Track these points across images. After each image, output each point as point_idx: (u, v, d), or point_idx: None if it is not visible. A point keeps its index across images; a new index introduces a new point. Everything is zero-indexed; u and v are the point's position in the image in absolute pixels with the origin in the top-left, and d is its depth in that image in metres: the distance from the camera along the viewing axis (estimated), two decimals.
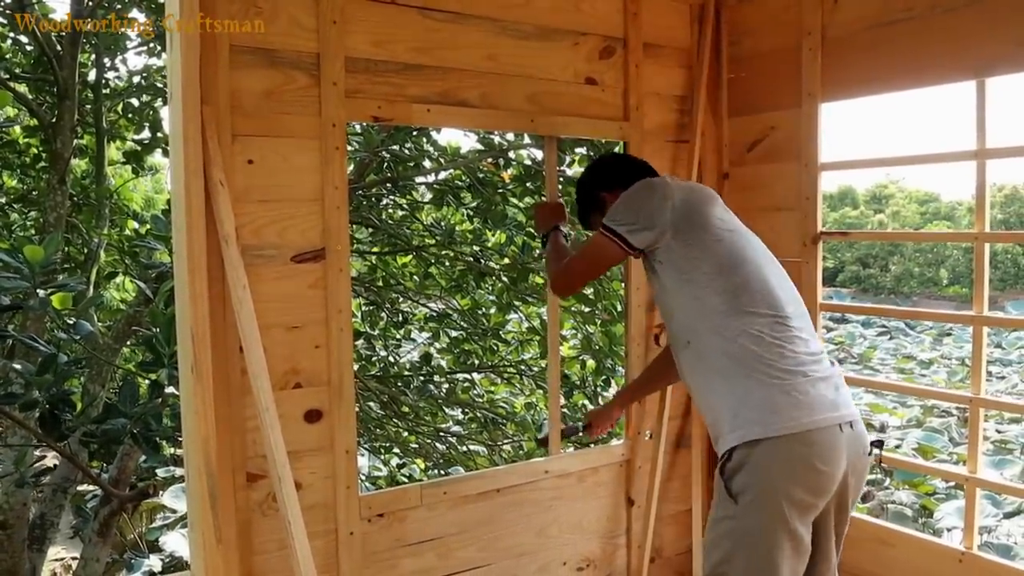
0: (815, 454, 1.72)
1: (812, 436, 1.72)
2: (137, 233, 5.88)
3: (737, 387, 1.79)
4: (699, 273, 1.88)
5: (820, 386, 1.77)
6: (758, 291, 1.84)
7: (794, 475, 1.72)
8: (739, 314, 1.82)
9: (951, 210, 35.98)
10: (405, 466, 6.17)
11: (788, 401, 1.73)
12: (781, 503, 1.72)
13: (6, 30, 5.57)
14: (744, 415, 1.76)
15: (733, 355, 1.81)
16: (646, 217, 1.93)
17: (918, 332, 21.49)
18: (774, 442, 1.72)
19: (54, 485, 5.09)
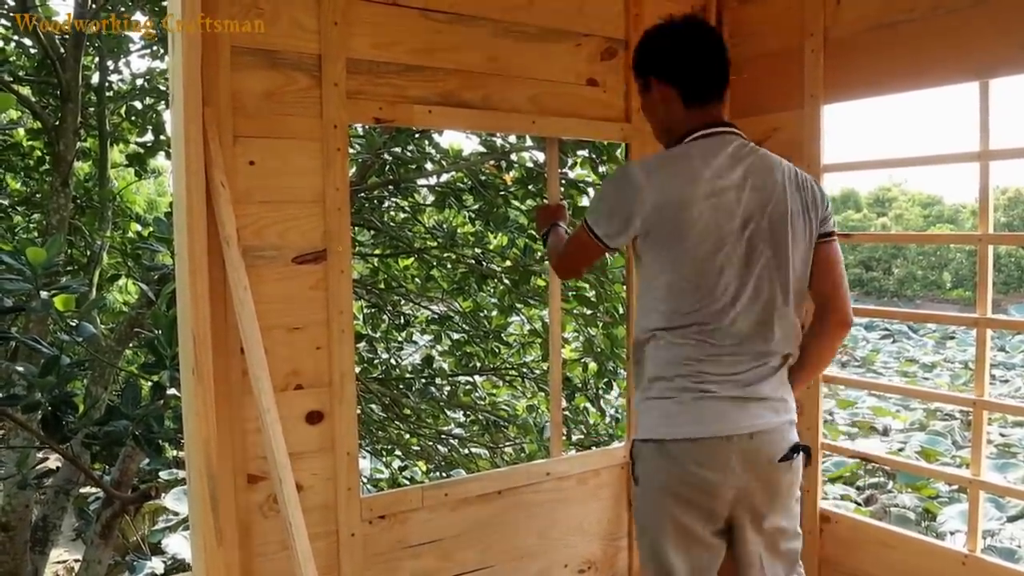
0: (691, 457, 1.84)
1: (690, 445, 1.84)
2: (139, 235, 5.89)
3: (641, 387, 1.96)
4: (656, 283, 1.90)
5: (718, 403, 1.84)
6: (699, 316, 1.85)
7: (671, 474, 1.86)
8: (670, 334, 1.87)
9: (954, 213, 35.96)
10: (407, 468, 6.16)
11: (674, 411, 1.86)
12: (661, 494, 1.87)
13: (10, 33, 5.58)
14: (642, 414, 1.94)
15: (647, 360, 1.93)
16: (619, 221, 1.90)
17: (921, 335, 21.46)
18: (658, 444, 1.88)
19: (56, 487, 5.09)
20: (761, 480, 1.87)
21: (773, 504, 1.90)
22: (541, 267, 4.88)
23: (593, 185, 4.83)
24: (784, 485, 1.91)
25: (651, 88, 1.99)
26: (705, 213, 1.81)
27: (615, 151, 4.54)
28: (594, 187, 4.84)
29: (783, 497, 1.92)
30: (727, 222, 1.83)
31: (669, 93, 1.95)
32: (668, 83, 1.95)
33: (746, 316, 1.86)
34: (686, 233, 1.81)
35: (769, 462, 1.86)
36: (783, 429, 1.90)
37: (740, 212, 1.84)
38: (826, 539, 2.71)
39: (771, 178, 1.90)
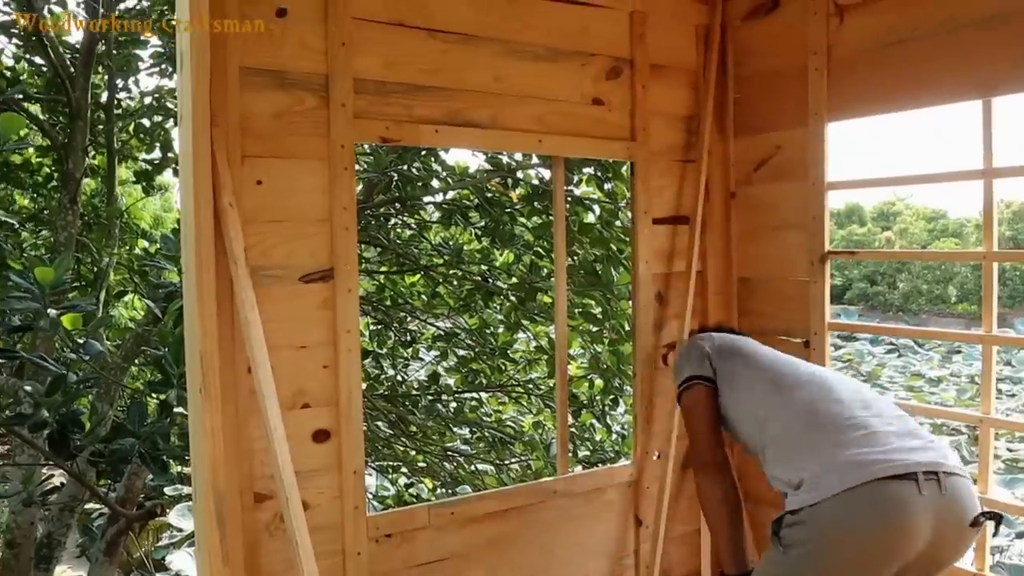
0: (872, 506, 1.74)
1: (867, 489, 1.74)
2: (146, 252, 5.91)
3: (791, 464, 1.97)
4: (754, 388, 2.23)
5: (886, 445, 1.80)
6: (815, 395, 2.03)
7: (847, 532, 1.74)
8: (801, 417, 2.02)
9: (959, 227, 35.85)
10: (413, 486, 6.14)
11: (842, 463, 1.82)
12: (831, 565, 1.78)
13: (21, 51, 5.63)
14: (802, 484, 1.86)
15: (789, 440, 2.01)
16: (692, 358, 2.36)
17: (927, 350, 21.38)
18: (831, 501, 1.76)
19: (61, 504, 5.08)
20: (953, 542, 1.78)
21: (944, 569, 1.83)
22: (547, 284, 4.89)
23: (599, 202, 4.84)
24: (965, 551, 1.85)
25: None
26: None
27: (621, 168, 4.55)
28: (599, 204, 4.85)
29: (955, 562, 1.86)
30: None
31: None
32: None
33: (849, 398, 2.07)
34: (745, 353, 2.37)
35: (963, 520, 1.76)
36: (967, 479, 1.81)
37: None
38: None
39: None
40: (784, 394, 2.08)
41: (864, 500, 1.71)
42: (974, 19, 2.25)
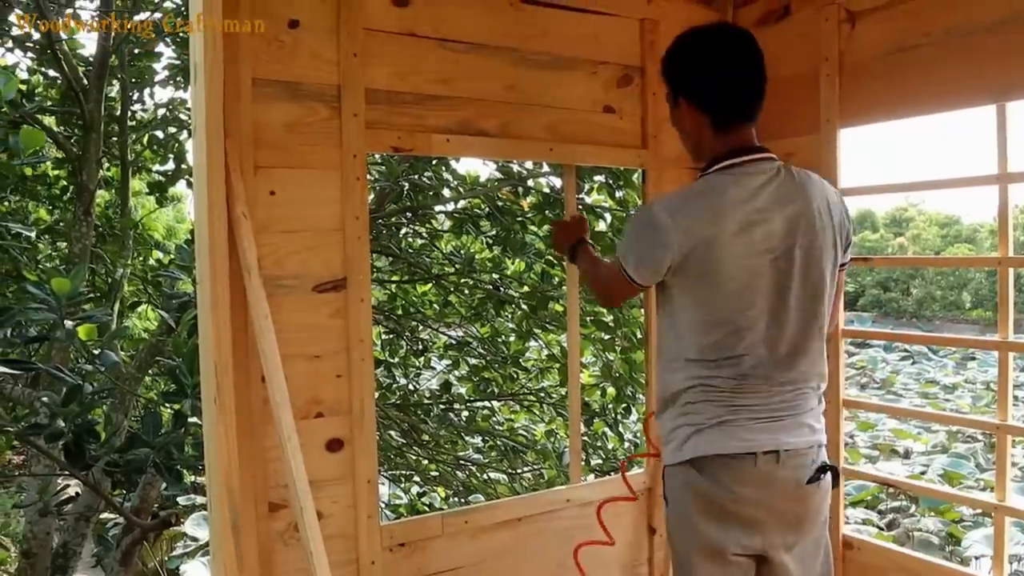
0: (712, 475, 1.85)
1: (714, 461, 1.85)
2: (160, 263, 5.95)
3: (669, 413, 1.97)
4: (682, 319, 1.90)
5: (745, 422, 1.84)
6: (727, 348, 1.85)
7: (700, 491, 1.87)
8: (697, 365, 1.88)
9: (973, 232, 35.71)
10: (425, 495, 6.15)
11: (707, 434, 1.87)
12: (691, 514, 1.89)
13: (35, 64, 5.69)
14: (669, 440, 1.97)
15: (675, 390, 1.93)
16: (649, 265, 1.87)
17: (941, 356, 21.26)
18: (687, 464, 1.89)
19: (77, 514, 5.11)
20: (788, 502, 1.86)
21: (801, 526, 1.89)
22: (559, 292, 4.89)
23: (610, 210, 4.84)
24: (812, 507, 1.90)
25: (680, 105, 1.95)
26: (733, 249, 1.78)
27: (632, 176, 4.56)
28: (611, 212, 4.86)
29: (811, 519, 1.91)
30: (756, 256, 1.80)
31: (699, 118, 1.91)
32: (698, 108, 1.91)
33: (777, 348, 1.85)
34: (715, 271, 1.79)
35: (797, 484, 1.85)
36: (811, 452, 1.88)
37: (769, 245, 1.81)
38: (849, 566, 2.67)
39: (803, 205, 1.85)
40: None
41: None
42: (986, 23, 2.25)
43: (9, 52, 5.54)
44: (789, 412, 1.87)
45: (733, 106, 1.90)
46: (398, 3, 2.29)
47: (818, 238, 1.86)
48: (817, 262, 1.86)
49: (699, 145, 1.96)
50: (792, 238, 1.83)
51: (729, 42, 1.91)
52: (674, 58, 1.96)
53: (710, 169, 1.89)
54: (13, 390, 4.59)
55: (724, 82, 1.89)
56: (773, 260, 1.82)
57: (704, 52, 1.91)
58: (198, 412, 3.04)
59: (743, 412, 1.84)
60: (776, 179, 1.86)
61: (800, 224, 1.84)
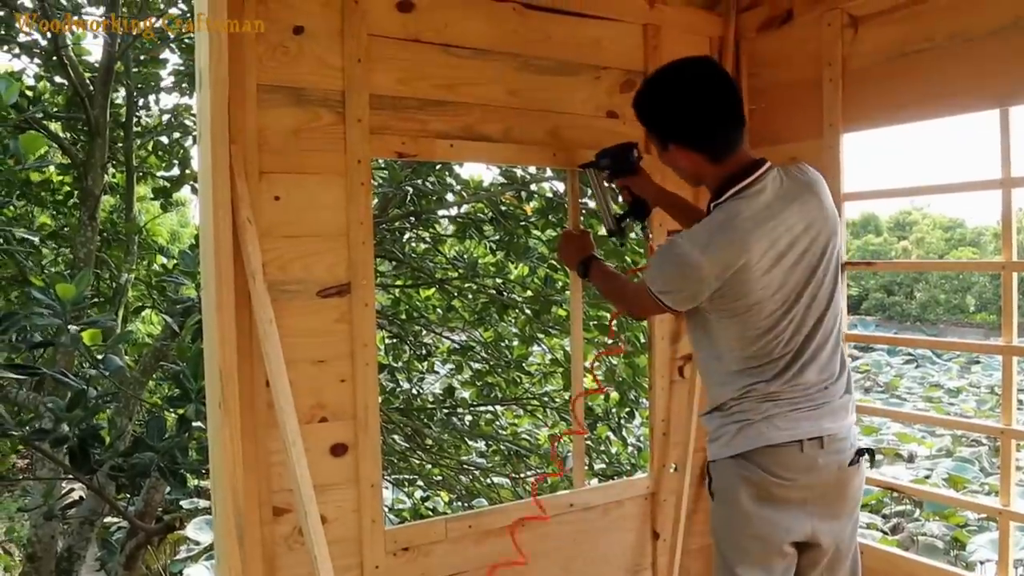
0: (763, 465, 1.91)
1: (762, 452, 1.92)
2: (164, 268, 5.96)
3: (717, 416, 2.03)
4: (723, 337, 1.97)
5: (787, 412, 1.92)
6: (767, 357, 1.93)
7: (749, 483, 1.93)
8: (743, 375, 1.96)
9: (977, 236, 35.63)
10: (429, 499, 6.15)
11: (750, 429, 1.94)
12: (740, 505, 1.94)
13: (41, 70, 5.71)
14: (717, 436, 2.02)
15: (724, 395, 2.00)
16: (686, 295, 1.92)
17: (945, 360, 21.20)
18: (728, 461, 1.97)
19: (81, 518, 5.12)
20: (833, 484, 1.94)
21: (844, 508, 1.98)
22: (562, 297, 4.89)
23: None
24: (853, 489, 1.99)
25: (671, 150, 2.00)
26: (763, 266, 1.85)
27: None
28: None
29: (853, 501, 2.00)
30: (783, 266, 1.87)
31: (694, 157, 1.96)
32: (692, 148, 1.96)
33: (810, 342, 1.94)
34: (749, 292, 1.86)
35: (840, 468, 1.94)
36: (849, 435, 1.99)
37: (792, 250, 1.88)
38: None
39: (813, 203, 1.94)
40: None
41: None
42: (989, 28, 2.25)
43: (16, 58, 5.56)
44: (826, 400, 1.95)
45: (723, 139, 1.95)
46: (402, 9, 2.30)
47: (829, 232, 1.96)
48: (830, 257, 1.96)
49: (699, 176, 2.03)
50: (811, 233, 1.91)
51: (702, 80, 1.95)
52: (654, 106, 2.02)
53: (721, 198, 1.94)
54: (18, 394, 4.61)
55: (710, 121, 1.94)
56: (798, 261, 1.90)
57: (683, 97, 1.96)
58: (202, 416, 3.05)
59: (785, 405, 1.92)
60: (785, 185, 1.93)
61: (814, 223, 1.93)
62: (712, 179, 1.98)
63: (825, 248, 1.94)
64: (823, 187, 1.99)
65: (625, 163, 2.40)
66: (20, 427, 3.60)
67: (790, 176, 1.96)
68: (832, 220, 1.97)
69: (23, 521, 8.06)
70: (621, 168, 2.42)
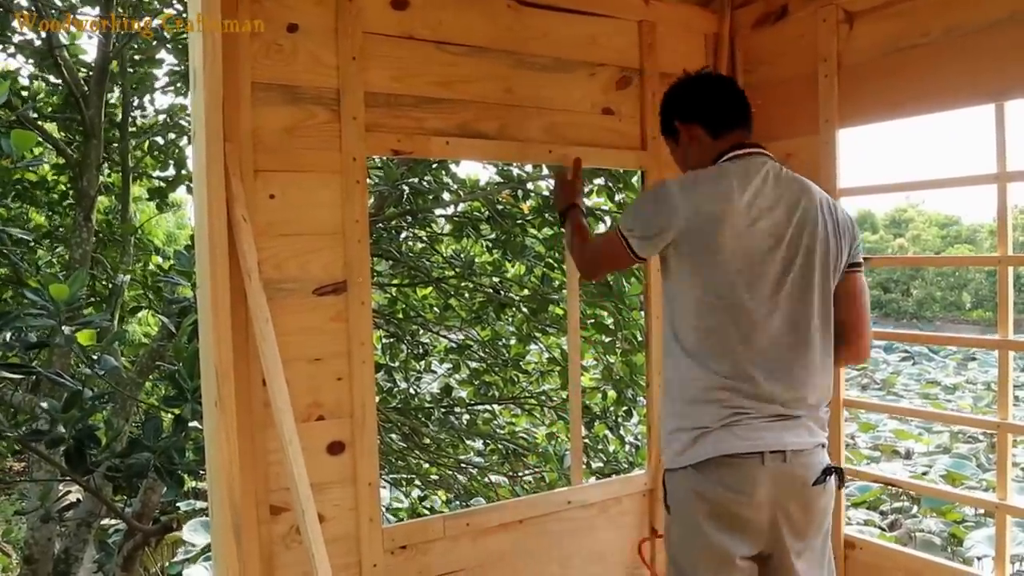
0: (720, 479, 1.84)
1: (720, 462, 1.84)
2: (160, 268, 5.95)
3: (670, 407, 1.97)
4: (684, 299, 1.92)
5: (750, 421, 1.84)
6: (727, 334, 1.86)
7: (703, 497, 1.86)
8: (698, 353, 1.89)
9: (972, 233, 35.70)
10: (426, 498, 6.14)
11: (704, 433, 1.86)
12: (695, 518, 1.87)
13: (37, 70, 5.69)
14: (671, 438, 1.94)
15: (677, 379, 1.94)
16: (654, 234, 1.91)
17: (942, 357, 21.24)
18: (683, 472, 1.89)
19: (78, 520, 5.11)
20: (797, 503, 1.86)
21: (809, 528, 1.90)
22: (559, 295, 4.89)
23: (610, 213, 4.84)
24: (819, 508, 1.91)
25: (678, 133, 2.07)
26: (738, 231, 1.83)
27: (631, 179, 4.56)
28: (610, 215, 4.86)
29: (818, 521, 1.91)
30: (760, 242, 1.84)
31: (695, 131, 2.03)
32: (693, 121, 2.04)
33: (777, 336, 1.87)
34: (718, 249, 1.83)
35: (804, 485, 1.86)
36: (816, 452, 1.90)
37: (774, 233, 1.86)
38: (851, 566, 2.67)
39: (805, 202, 1.92)
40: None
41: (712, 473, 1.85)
42: (984, 23, 2.25)
43: (11, 58, 5.55)
44: (790, 413, 1.87)
45: (724, 109, 2.02)
46: (397, 6, 2.30)
47: (820, 234, 1.91)
48: (818, 257, 1.90)
49: (701, 159, 2.03)
50: (796, 228, 1.88)
51: (707, 74, 2.14)
52: (664, 105, 2.15)
53: (718, 161, 1.97)
54: (14, 396, 4.60)
55: (710, 93, 2.06)
56: (775, 249, 1.86)
57: (687, 83, 2.11)
58: (199, 416, 3.04)
59: (746, 412, 1.84)
60: (780, 175, 1.94)
61: (803, 219, 1.90)
62: (711, 152, 2.00)
63: (814, 247, 1.90)
64: (818, 197, 1.96)
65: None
66: (16, 428, 3.59)
67: (784, 170, 1.97)
68: (829, 224, 1.94)
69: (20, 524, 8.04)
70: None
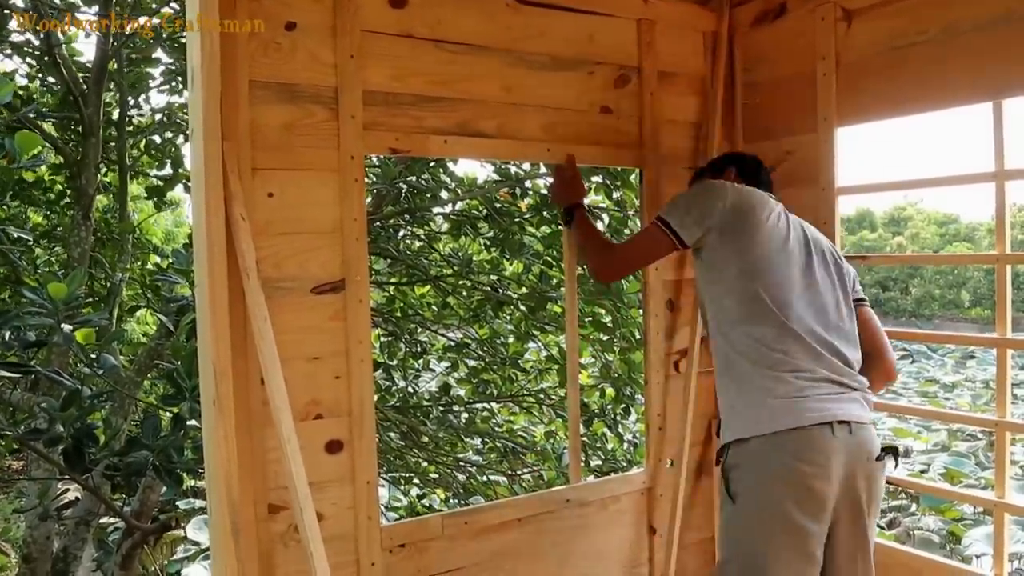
0: (797, 452, 1.84)
1: (793, 435, 1.85)
2: (158, 267, 5.94)
3: (733, 388, 1.99)
4: (727, 275, 2.01)
5: (814, 392, 1.89)
6: (772, 300, 1.95)
7: (780, 474, 1.85)
8: (747, 322, 1.96)
9: (971, 231, 35.71)
10: (425, 496, 6.14)
11: (774, 404, 1.89)
12: (774, 502, 1.85)
13: (34, 70, 5.68)
14: (738, 414, 1.96)
15: (734, 358, 1.99)
16: (698, 214, 2.05)
17: (940, 355, 21.24)
18: (761, 440, 1.88)
19: (77, 518, 5.11)
20: (863, 475, 1.90)
21: (871, 504, 1.94)
22: (557, 293, 4.89)
23: (607, 211, 4.84)
24: (880, 485, 1.96)
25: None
26: (772, 222, 2.04)
27: (629, 177, 4.56)
28: (608, 213, 4.86)
29: (878, 498, 1.96)
30: (790, 235, 2.06)
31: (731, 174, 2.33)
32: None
33: (815, 309, 1.98)
34: (757, 228, 2.01)
35: (869, 458, 1.90)
36: (871, 428, 1.96)
37: (798, 238, 2.08)
38: None
39: (813, 233, 2.17)
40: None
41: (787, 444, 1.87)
42: (981, 21, 2.25)
43: (8, 58, 5.54)
44: (845, 387, 1.94)
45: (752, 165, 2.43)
46: (395, 5, 2.29)
47: (830, 257, 2.15)
48: (834, 268, 2.14)
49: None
50: (813, 245, 2.11)
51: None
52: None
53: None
54: (12, 394, 4.59)
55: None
56: (801, 243, 2.07)
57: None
58: (197, 415, 3.03)
59: (807, 384, 1.88)
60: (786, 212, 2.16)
61: (814, 243, 2.12)
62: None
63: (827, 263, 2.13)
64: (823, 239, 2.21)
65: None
66: (15, 427, 3.59)
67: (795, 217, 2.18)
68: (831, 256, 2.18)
69: (19, 522, 8.04)
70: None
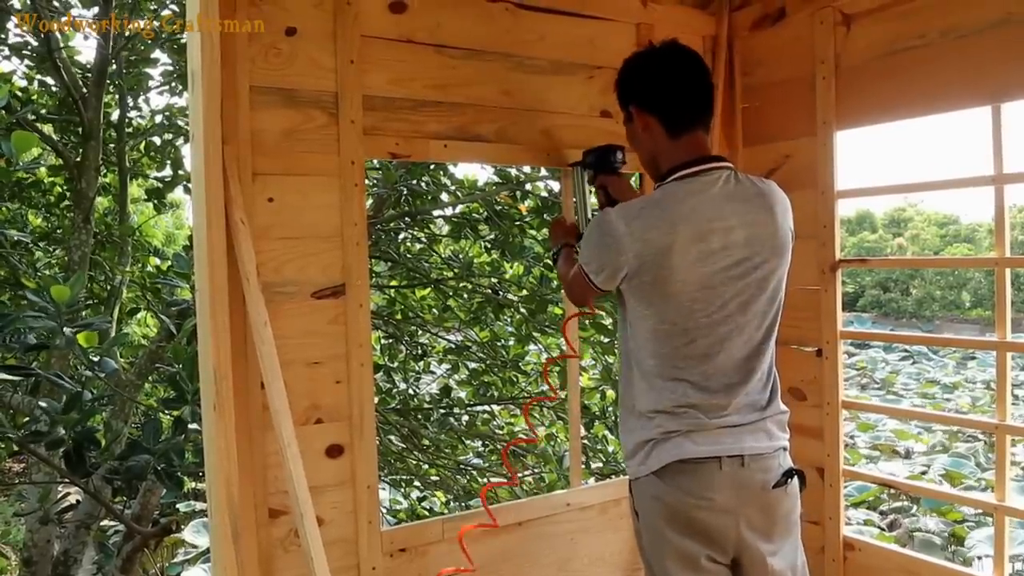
0: (685, 481, 1.83)
1: (681, 464, 1.83)
2: (159, 270, 5.95)
3: (631, 429, 1.95)
4: (637, 326, 1.90)
5: (709, 431, 1.84)
6: (682, 355, 1.86)
7: (667, 502, 1.85)
8: (651, 374, 1.89)
9: (971, 232, 35.70)
10: (425, 499, 6.14)
11: (668, 444, 1.85)
12: (660, 524, 1.87)
13: (33, 72, 5.69)
14: (630, 456, 1.95)
15: (633, 402, 1.93)
16: (607, 274, 1.88)
17: (941, 356, 21.25)
18: (646, 480, 1.89)
19: (77, 521, 5.10)
20: (756, 507, 1.85)
21: (774, 531, 1.88)
22: (557, 296, 4.89)
23: None
24: (782, 512, 1.89)
25: (633, 118, 1.98)
26: (688, 257, 1.79)
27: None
28: None
29: (783, 524, 1.90)
30: (712, 264, 1.81)
31: (650, 122, 1.93)
32: (648, 111, 1.93)
33: (732, 356, 1.86)
34: (669, 279, 1.79)
35: (763, 489, 1.85)
36: (776, 456, 1.89)
37: (728, 253, 1.82)
38: (850, 567, 2.68)
39: (766, 215, 1.88)
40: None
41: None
42: (981, 25, 2.26)
43: (6, 60, 5.54)
44: (750, 419, 1.87)
45: (684, 106, 1.91)
46: (395, 10, 2.30)
47: (777, 245, 1.89)
48: (776, 270, 1.89)
49: (655, 156, 1.97)
50: (753, 247, 1.85)
51: (675, 53, 1.94)
52: (623, 74, 2.03)
53: (667, 179, 1.90)
54: (13, 397, 4.59)
55: (673, 83, 1.92)
56: (730, 268, 1.83)
57: (651, 61, 1.97)
58: (198, 418, 3.03)
59: (703, 422, 1.84)
60: (736, 187, 1.87)
61: (763, 234, 1.86)
62: (666, 160, 1.92)
63: (768, 275, 1.87)
64: (780, 205, 1.91)
65: (606, 162, 2.37)
66: (15, 430, 3.59)
67: (743, 181, 1.90)
68: (781, 244, 1.89)
69: (19, 525, 8.04)
70: (602, 167, 2.38)
